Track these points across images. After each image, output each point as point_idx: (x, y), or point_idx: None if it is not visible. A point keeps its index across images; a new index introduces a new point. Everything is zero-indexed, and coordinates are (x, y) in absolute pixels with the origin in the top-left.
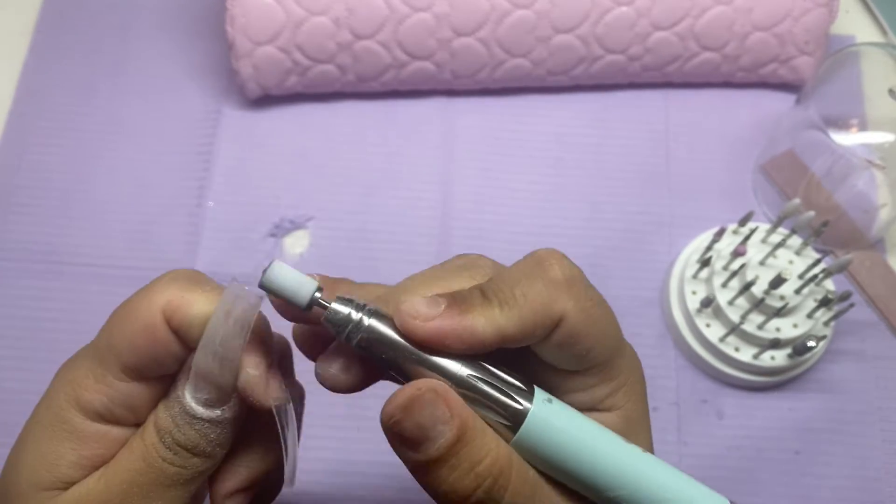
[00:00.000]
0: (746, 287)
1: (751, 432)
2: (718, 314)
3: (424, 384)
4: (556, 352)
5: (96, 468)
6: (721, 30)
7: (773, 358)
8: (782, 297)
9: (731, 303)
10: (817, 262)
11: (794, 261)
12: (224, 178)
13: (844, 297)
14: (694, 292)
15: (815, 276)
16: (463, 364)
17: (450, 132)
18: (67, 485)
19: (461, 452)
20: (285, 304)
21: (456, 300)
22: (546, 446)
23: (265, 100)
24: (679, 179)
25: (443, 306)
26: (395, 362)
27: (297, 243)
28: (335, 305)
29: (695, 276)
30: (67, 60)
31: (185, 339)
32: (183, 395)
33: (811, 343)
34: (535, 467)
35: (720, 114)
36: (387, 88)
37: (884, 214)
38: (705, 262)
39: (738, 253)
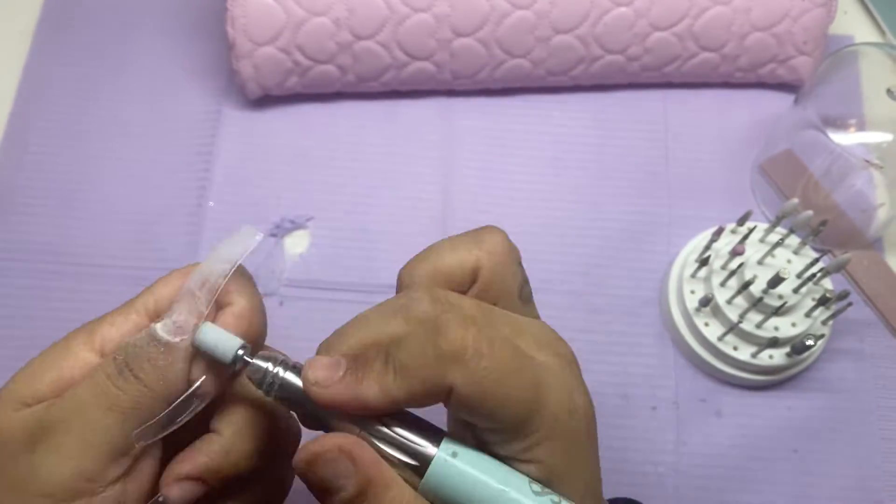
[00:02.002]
0: (745, 286)
1: (749, 431)
2: (717, 313)
3: (330, 441)
4: (457, 412)
5: None
6: (720, 30)
7: (771, 357)
8: (781, 296)
9: (729, 302)
10: (815, 261)
11: (793, 260)
12: (224, 178)
13: (843, 296)
14: (692, 291)
15: (814, 275)
16: (366, 422)
17: (450, 132)
18: (38, 402)
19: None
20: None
21: (356, 365)
22: (448, 498)
23: (265, 100)
24: (678, 179)
25: (341, 372)
26: (309, 417)
27: (297, 243)
28: (256, 361)
29: (693, 276)
30: (68, 61)
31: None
32: (153, 325)
33: (809, 342)
34: None
35: (719, 114)
36: (387, 89)
37: (882, 214)
38: (704, 262)
39: (736, 252)
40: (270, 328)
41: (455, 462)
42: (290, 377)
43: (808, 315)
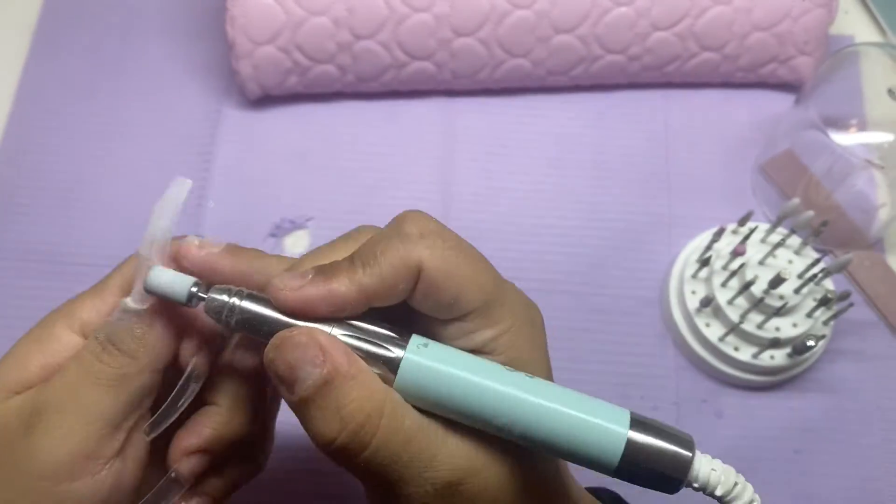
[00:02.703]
0: (746, 286)
1: (750, 432)
2: (718, 314)
3: (301, 328)
4: (425, 302)
5: None
6: (720, 30)
7: (772, 357)
8: (782, 297)
9: (730, 302)
10: (817, 261)
11: (794, 260)
12: (224, 178)
13: (844, 296)
14: (693, 292)
15: (815, 275)
16: (335, 326)
17: (450, 132)
18: (27, 389)
19: (328, 395)
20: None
21: (323, 268)
22: (425, 386)
23: (265, 100)
24: (678, 179)
25: (310, 276)
26: (269, 336)
27: (297, 243)
28: (212, 294)
29: (694, 276)
30: (68, 60)
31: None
32: (122, 300)
33: (810, 342)
34: (427, 411)
35: (720, 114)
36: (387, 89)
37: (883, 214)
38: (705, 262)
39: (737, 252)
40: None
41: (428, 351)
42: (249, 304)
43: (809, 316)
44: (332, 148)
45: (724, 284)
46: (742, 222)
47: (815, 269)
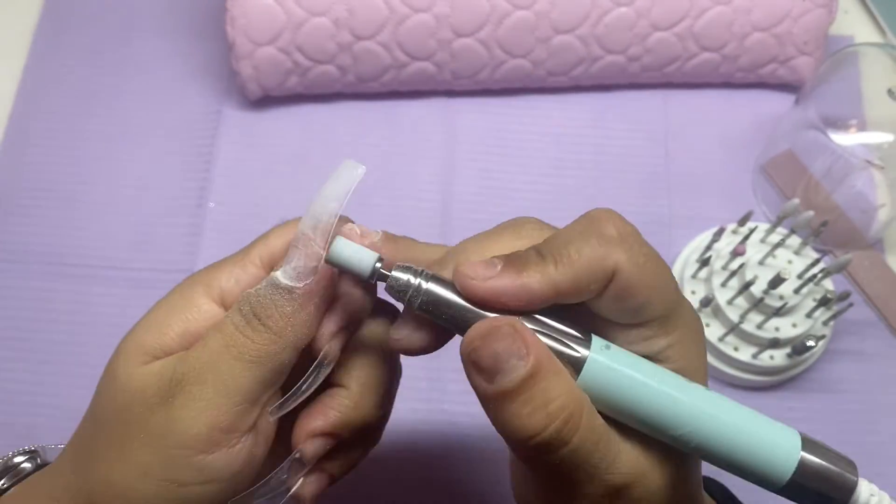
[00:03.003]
0: (746, 287)
1: None
2: (717, 314)
3: (504, 319)
4: (611, 306)
5: None
6: (720, 30)
7: (772, 357)
8: (781, 297)
9: (730, 302)
10: (816, 261)
11: (794, 260)
12: (225, 179)
13: (843, 296)
14: (693, 292)
15: (815, 275)
16: (523, 319)
17: (450, 132)
18: (167, 355)
19: (534, 388)
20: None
21: (512, 260)
22: (608, 389)
23: (265, 100)
24: (678, 179)
25: (499, 267)
26: (456, 321)
27: None
28: (395, 273)
29: (694, 276)
30: (68, 61)
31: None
32: (272, 274)
33: (810, 342)
34: (601, 413)
35: (720, 114)
36: (387, 89)
37: (882, 214)
38: (704, 262)
39: (737, 252)
40: None
41: (611, 353)
42: (435, 287)
43: (808, 316)
44: (332, 148)
45: (723, 284)
46: (742, 222)
47: (815, 270)
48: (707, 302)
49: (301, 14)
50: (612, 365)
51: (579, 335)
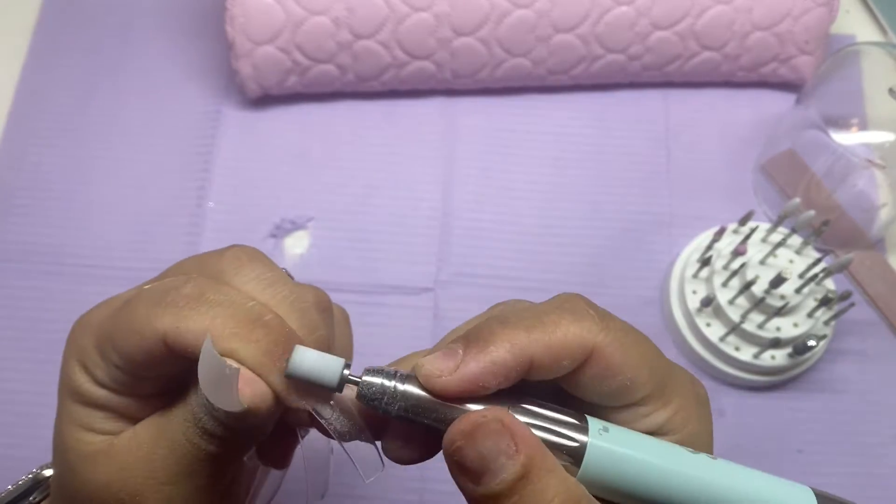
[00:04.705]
0: (747, 286)
1: (752, 432)
2: (719, 313)
3: (490, 412)
4: (597, 388)
5: (129, 419)
6: (721, 29)
7: (773, 357)
8: (783, 297)
9: (731, 302)
10: (818, 261)
11: (795, 260)
12: (224, 179)
13: (845, 296)
14: (694, 292)
15: (816, 275)
16: (508, 408)
17: (450, 132)
18: (109, 434)
19: (525, 490)
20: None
21: (471, 338)
22: (611, 474)
23: (265, 100)
24: (679, 179)
25: (460, 351)
26: (440, 422)
27: (297, 244)
28: (367, 378)
29: (695, 276)
30: (67, 61)
31: (189, 358)
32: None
33: (811, 342)
34: (603, 499)
35: (720, 113)
36: (387, 88)
37: (884, 214)
38: (705, 262)
39: (738, 252)
40: None
41: (611, 436)
42: (413, 388)
43: (810, 315)
44: (332, 148)
45: (724, 284)
46: (743, 222)
47: (816, 269)
48: (708, 302)
49: (300, 13)
50: (614, 448)
51: (574, 420)
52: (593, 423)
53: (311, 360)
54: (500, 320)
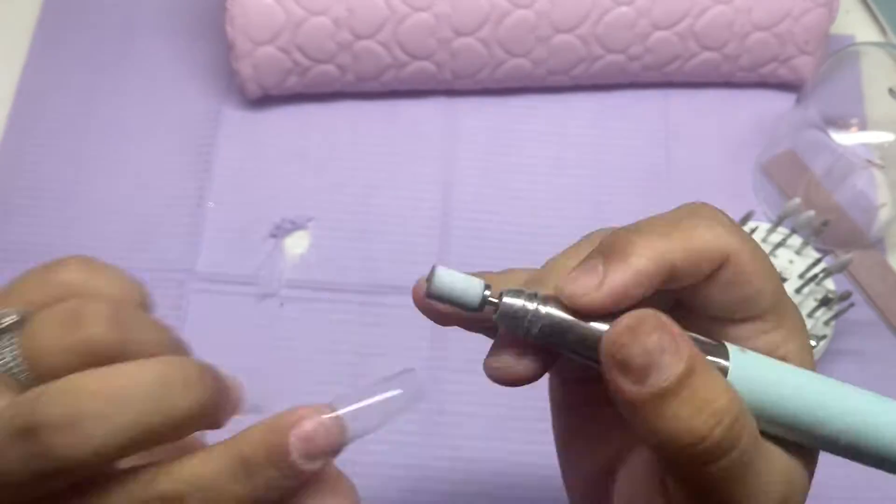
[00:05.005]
0: None
1: None
2: None
3: (648, 311)
4: (723, 296)
5: None
6: (721, 29)
7: None
8: None
9: None
10: (817, 261)
11: (795, 260)
12: (224, 179)
13: (845, 296)
14: None
15: (816, 275)
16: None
17: (450, 132)
18: None
19: (694, 387)
20: (452, 310)
21: (609, 250)
22: (756, 393)
23: (265, 100)
24: (679, 179)
25: (600, 266)
26: (583, 343)
27: (297, 244)
28: (507, 300)
29: None
30: (68, 60)
31: None
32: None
33: (811, 342)
34: None
35: (720, 113)
36: (387, 88)
37: (884, 214)
38: None
39: None
40: (271, 329)
41: (749, 357)
42: (554, 309)
43: (810, 316)
44: (332, 148)
45: None
46: (742, 222)
47: (816, 269)
48: None
49: (301, 13)
50: (756, 366)
51: (711, 341)
52: (729, 345)
53: (454, 280)
54: (633, 230)
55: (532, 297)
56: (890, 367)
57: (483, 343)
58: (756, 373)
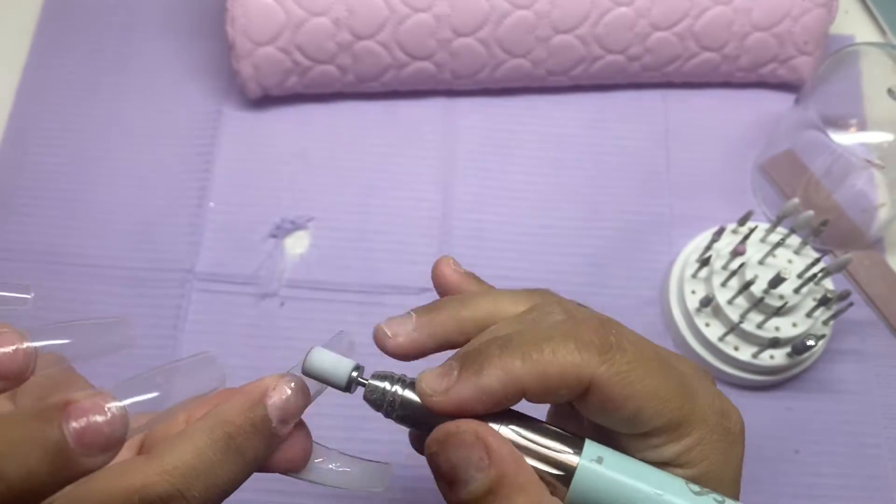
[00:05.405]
0: (746, 286)
1: (750, 431)
2: (718, 313)
3: (468, 424)
4: (598, 415)
5: None
6: (720, 30)
7: (772, 357)
8: (781, 297)
9: (730, 302)
10: (816, 261)
11: (794, 260)
12: (225, 179)
13: (843, 296)
14: (693, 291)
15: (815, 275)
16: (501, 423)
17: (450, 132)
18: None
19: (499, 502)
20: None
21: (469, 360)
22: (598, 499)
23: (265, 100)
24: (678, 179)
25: (455, 372)
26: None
27: (297, 244)
28: (373, 382)
29: (694, 276)
30: (68, 61)
31: None
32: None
33: (810, 342)
34: None
35: (719, 114)
36: (387, 89)
37: (883, 214)
38: (705, 262)
39: (737, 252)
40: (271, 329)
41: (602, 468)
42: (410, 394)
43: (809, 315)
44: (332, 148)
45: (723, 284)
46: (742, 222)
47: (815, 269)
48: (707, 302)
49: (301, 14)
50: (604, 474)
51: (566, 447)
52: (592, 447)
53: (325, 361)
54: (500, 343)
55: (398, 381)
56: (889, 367)
57: None
58: (600, 482)
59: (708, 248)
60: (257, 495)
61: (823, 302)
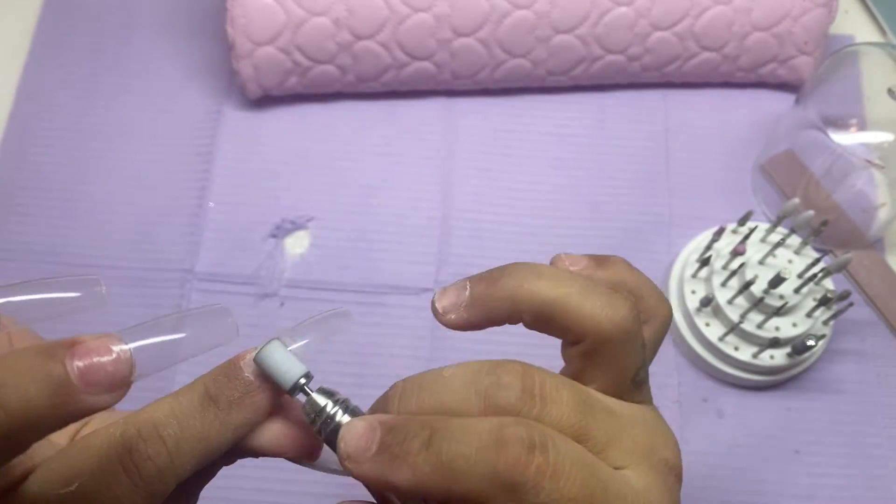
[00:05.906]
0: (746, 286)
1: (751, 431)
2: (718, 313)
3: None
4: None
5: None
6: (720, 30)
7: (772, 357)
8: (781, 297)
9: (730, 302)
10: (816, 261)
11: (794, 260)
12: (225, 179)
13: (844, 296)
14: (693, 291)
15: (815, 275)
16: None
17: (450, 132)
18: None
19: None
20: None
21: (392, 440)
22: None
23: (265, 100)
24: (678, 179)
25: (375, 447)
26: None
27: (297, 244)
28: (315, 397)
29: (694, 276)
30: (68, 61)
31: None
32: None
33: (810, 342)
34: None
35: (719, 114)
36: (387, 89)
37: (883, 214)
38: (705, 262)
39: (737, 252)
40: (271, 329)
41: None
42: (346, 419)
43: (809, 315)
44: (332, 148)
45: (723, 284)
46: (742, 222)
47: (815, 269)
48: (707, 301)
49: (301, 14)
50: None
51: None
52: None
53: (278, 359)
54: (426, 438)
55: (342, 403)
56: (889, 367)
57: (482, 344)
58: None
59: (708, 248)
60: (257, 495)
61: (823, 302)
